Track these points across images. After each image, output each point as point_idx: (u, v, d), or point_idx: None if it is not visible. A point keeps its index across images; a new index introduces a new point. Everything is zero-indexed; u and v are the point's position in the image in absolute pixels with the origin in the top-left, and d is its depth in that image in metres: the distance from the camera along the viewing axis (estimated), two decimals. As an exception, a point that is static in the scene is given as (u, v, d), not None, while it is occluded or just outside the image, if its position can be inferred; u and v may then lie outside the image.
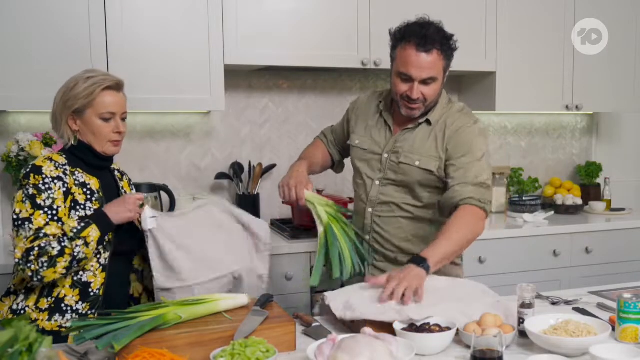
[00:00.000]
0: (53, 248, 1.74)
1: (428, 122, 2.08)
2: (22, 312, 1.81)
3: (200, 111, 3.18)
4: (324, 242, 1.91)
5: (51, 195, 1.80)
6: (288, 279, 2.79)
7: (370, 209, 2.13)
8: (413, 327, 1.62)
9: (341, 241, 1.91)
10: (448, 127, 2.05)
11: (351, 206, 2.49)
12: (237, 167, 3.22)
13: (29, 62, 2.59)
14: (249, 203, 3.17)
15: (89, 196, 1.88)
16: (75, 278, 1.85)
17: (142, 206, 1.89)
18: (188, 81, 2.80)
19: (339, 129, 2.37)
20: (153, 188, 2.95)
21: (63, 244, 1.75)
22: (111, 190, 1.99)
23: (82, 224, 1.80)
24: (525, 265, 3.20)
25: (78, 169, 1.90)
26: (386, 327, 1.63)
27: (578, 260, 3.33)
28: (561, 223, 3.39)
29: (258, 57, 2.91)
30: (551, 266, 3.27)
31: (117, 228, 1.89)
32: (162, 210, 3.00)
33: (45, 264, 1.73)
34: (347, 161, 2.37)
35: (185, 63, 2.79)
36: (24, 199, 1.79)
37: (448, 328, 1.61)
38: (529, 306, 1.67)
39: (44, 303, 1.83)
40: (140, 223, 1.90)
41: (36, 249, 1.73)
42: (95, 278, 1.87)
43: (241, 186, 3.20)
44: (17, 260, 1.75)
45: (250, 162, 3.26)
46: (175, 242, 1.88)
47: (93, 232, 1.79)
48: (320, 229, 1.93)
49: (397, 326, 1.61)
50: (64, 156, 1.90)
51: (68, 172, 1.86)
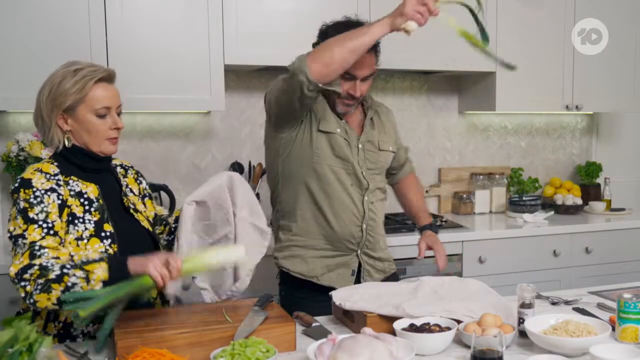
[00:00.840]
0: (53, 271, 1.51)
1: (376, 113, 2.27)
2: None
3: (200, 111, 3.18)
4: None
5: (44, 208, 1.61)
6: (288, 279, 2.78)
7: (366, 197, 2.16)
8: (413, 327, 1.62)
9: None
10: (384, 111, 2.31)
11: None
12: (237, 167, 3.22)
13: (29, 62, 2.58)
14: (249, 203, 3.17)
15: (87, 207, 1.69)
16: None
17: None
18: (188, 81, 2.80)
19: None
20: (153, 188, 2.95)
21: (64, 270, 1.52)
22: (113, 193, 1.80)
23: (95, 257, 1.59)
24: (525, 265, 3.20)
25: (72, 177, 1.71)
26: (386, 327, 1.63)
27: (578, 260, 3.33)
28: (561, 223, 3.39)
29: (258, 57, 2.91)
30: (551, 266, 3.27)
31: (126, 237, 1.73)
32: (162, 205, 3.00)
33: (39, 287, 1.50)
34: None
35: (185, 63, 2.79)
36: (17, 215, 1.60)
37: (448, 328, 1.61)
38: (529, 306, 1.67)
39: (52, 328, 1.69)
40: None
41: (36, 267, 1.52)
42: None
43: (241, 186, 3.20)
44: (11, 278, 1.53)
45: (250, 162, 3.26)
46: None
47: (99, 271, 1.53)
48: None
49: (397, 326, 1.61)
50: (56, 164, 1.71)
51: (61, 183, 1.68)
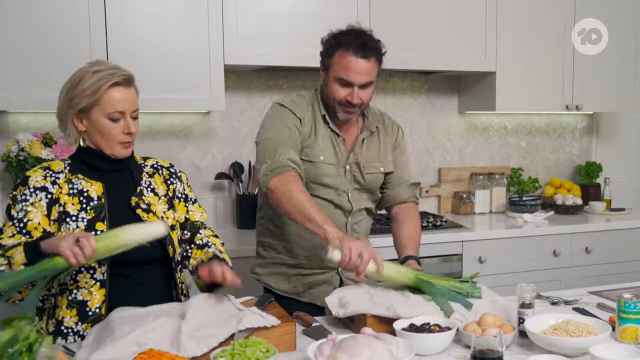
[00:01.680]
0: None
1: (376, 129, 2.19)
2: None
3: (200, 111, 3.18)
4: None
5: (24, 207, 1.67)
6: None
7: (350, 219, 2.14)
8: (413, 327, 1.62)
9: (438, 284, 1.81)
10: (389, 131, 2.23)
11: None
12: (237, 167, 3.22)
13: (29, 62, 2.58)
14: (249, 203, 3.17)
15: (84, 205, 1.71)
16: (70, 297, 1.69)
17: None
18: (188, 81, 2.80)
19: (296, 146, 2.04)
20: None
21: None
22: (123, 192, 1.79)
23: (15, 242, 1.63)
24: (525, 265, 3.20)
25: (78, 175, 1.74)
26: (386, 327, 1.63)
27: (578, 260, 3.33)
28: (561, 223, 3.39)
29: (258, 57, 2.91)
30: (551, 266, 3.27)
31: None
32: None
33: None
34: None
35: (185, 63, 2.79)
36: (6, 209, 1.72)
37: (448, 328, 1.61)
38: (529, 306, 1.67)
39: (51, 325, 1.72)
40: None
41: None
42: (91, 295, 1.69)
43: (241, 186, 3.20)
44: None
45: (250, 162, 3.26)
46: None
47: (17, 255, 1.58)
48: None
49: (397, 326, 1.61)
50: (68, 162, 1.77)
51: (60, 181, 1.71)
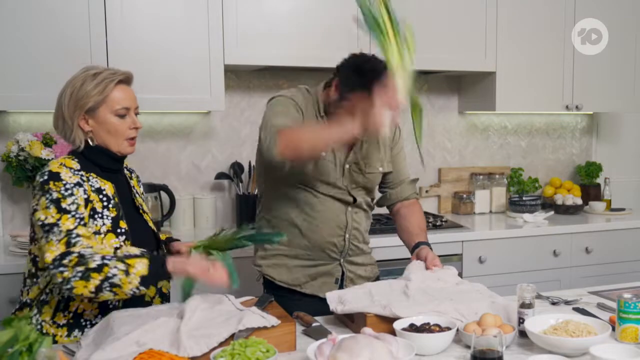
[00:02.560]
0: (94, 260, 1.60)
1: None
2: (39, 328, 1.72)
3: (200, 111, 3.18)
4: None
5: (75, 200, 1.69)
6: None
7: (350, 208, 2.17)
8: (413, 327, 1.62)
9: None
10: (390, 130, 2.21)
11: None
12: (237, 167, 3.22)
13: (29, 62, 2.59)
14: (249, 203, 3.17)
15: (106, 203, 1.77)
16: None
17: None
18: (188, 81, 2.81)
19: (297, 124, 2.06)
20: (153, 188, 2.95)
21: (105, 261, 1.60)
22: (125, 194, 1.89)
23: (137, 253, 1.68)
24: (525, 265, 3.20)
25: (92, 174, 1.78)
26: (386, 327, 1.63)
27: (578, 260, 3.33)
28: (561, 223, 3.39)
29: (258, 57, 2.91)
30: (551, 266, 3.27)
31: (137, 236, 1.82)
32: (162, 210, 3.01)
33: (79, 274, 1.58)
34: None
35: (185, 63, 2.79)
36: (48, 205, 1.66)
37: (448, 328, 1.61)
38: (529, 306, 1.67)
39: (61, 318, 1.74)
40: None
41: (75, 255, 1.60)
42: None
43: (241, 186, 3.20)
44: (47, 264, 1.62)
45: (250, 162, 3.26)
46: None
47: (140, 266, 1.62)
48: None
49: (397, 326, 1.61)
50: (76, 160, 1.79)
51: (84, 178, 1.75)
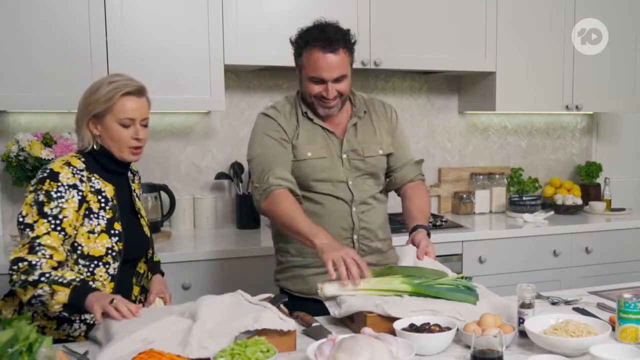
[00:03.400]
0: (34, 275, 1.67)
1: (364, 113, 2.20)
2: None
3: (200, 111, 3.18)
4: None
5: (60, 204, 1.76)
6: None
7: (354, 208, 2.14)
8: (413, 327, 1.62)
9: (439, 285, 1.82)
10: (381, 114, 2.24)
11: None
12: (237, 167, 3.22)
13: (29, 62, 2.59)
14: (249, 203, 3.17)
15: (103, 204, 1.85)
16: None
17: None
18: (188, 81, 2.81)
19: (287, 158, 2.08)
20: (153, 188, 2.95)
21: (41, 278, 1.67)
22: (125, 196, 1.96)
23: (64, 281, 1.68)
24: (525, 265, 3.20)
25: (95, 175, 1.87)
26: (386, 327, 1.63)
27: (578, 260, 3.33)
28: (561, 223, 3.38)
29: (258, 57, 2.91)
30: (551, 266, 3.27)
31: (131, 239, 1.89)
32: (162, 210, 3.01)
33: (21, 282, 1.68)
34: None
35: (185, 63, 2.79)
36: (32, 204, 1.76)
37: (448, 328, 1.61)
38: (529, 306, 1.67)
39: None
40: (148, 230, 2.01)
41: (25, 263, 1.69)
42: (104, 288, 1.82)
43: (241, 186, 3.20)
44: (10, 261, 1.72)
45: (250, 162, 3.26)
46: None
47: (61, 295, 1.67)
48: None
49: (397, 326, 1.61)
50: (83, 159, 1.87)
51: (85, 179, 1.83)
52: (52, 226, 1.74)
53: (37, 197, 1.76)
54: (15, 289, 1.72)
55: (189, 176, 3.22)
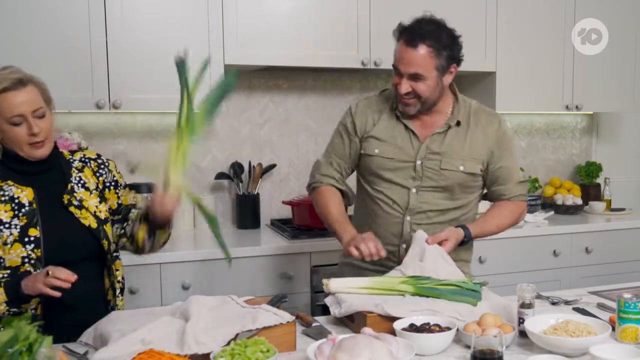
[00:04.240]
0: None
1: (457, 124, 2.08)
2: None
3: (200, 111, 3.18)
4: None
5: None
6: (288, 279, 2.78)
7: (409, 217, 2.06)
8: (413, 327, 1.62)
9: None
10: (484, 128, 2.09)
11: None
12: (237, 167, 3.22)
13: (29, 62, 2.57)
14: (249, 203, 3.18)
15: (16, 212, 1.72)
16: None
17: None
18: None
19: (344, 152, 2.15)
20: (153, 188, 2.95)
21: None
22: (53, 193, 1.80)
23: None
24: (525, 265, 3.20)
25: (8, 181, 1.74)
26: (386, 327, 1.63)
27: (578, 260, 3.33)
28: (561, 223, 3.38)
29: (258, 57, 2.91)
30: (551, 266, 3.27)
31: (59, 238, 1.76)
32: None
33: None
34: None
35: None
36: None
37: (448, 328, 1.61)
38: (529, 306, 1.67)
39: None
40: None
41: None
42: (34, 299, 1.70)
43: (241, 186, 3.20)
44: None
45: (250, 162, 3.26)
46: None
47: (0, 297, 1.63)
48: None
49: (397, 326, 1.61)
50: None
51: None
52: None
53: None
54: None
55: (189, 176, 3.22)
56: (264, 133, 3.34)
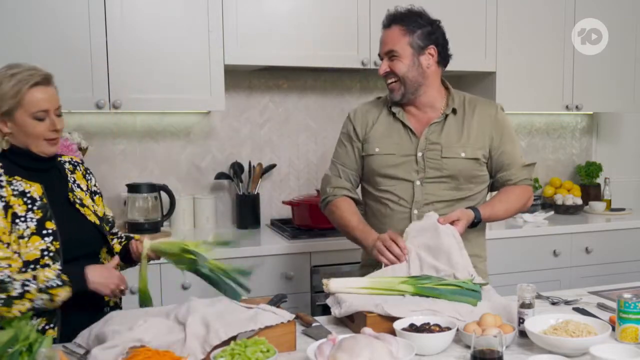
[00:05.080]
0: (14, 288, 1.59)
1: (453, 111, 2.12)
2: None
3: (200, 111, 3.18)
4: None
5: None
6: (288, 279, 2.79)
7: (416, 211, 2.07)
8: (413, 327, 1.62)
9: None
10: (482, 114, 2.13)
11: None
12: (237, 167, 3.22)
13: (29, 62, 2.57)
14: (249, 203, 3.18)
15: (30, 205, 1.73)
16: None
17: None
18: (188, 81, 2.80)
19: (349, 159, 2.19)
20: (153, 188, 2.95)
21: (26, 288, 1.60)
22: (59, 190, 1.83)
23: (58, 282, 1.65)
24: (525, 265, 3.20)
25: (16, 177, 1.74)
26: (386, 327, 1.63)
27: (578, 260, 3.33)
28: (561, 223, 3.39)
29: (258, 57, 2.91)
30: (551, 266, 3.27)
31: (71, 232, 1.78)
32: (162, 210, 3.00)
33: (1, 301, 1.59)
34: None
35: (185, 63, 2.79)
36: None
37: (448, 328, 1.61)
38: (529, 306, 1.67)
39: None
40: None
41: None
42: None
43: (241, 186, 3.20)
44: None
45: (250, 162, 3.26)
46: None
47: (64, 294, 1.65)
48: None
49: (397, 326, 1.61)
50: (0, 164, 1.75)
51: (4, 183, 1.71)
52: None
53: None
54: None
55: (189, 176, 3.22)
56: (264, 133, 3.34)
